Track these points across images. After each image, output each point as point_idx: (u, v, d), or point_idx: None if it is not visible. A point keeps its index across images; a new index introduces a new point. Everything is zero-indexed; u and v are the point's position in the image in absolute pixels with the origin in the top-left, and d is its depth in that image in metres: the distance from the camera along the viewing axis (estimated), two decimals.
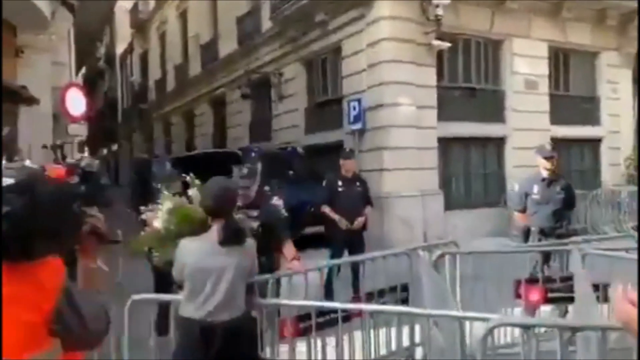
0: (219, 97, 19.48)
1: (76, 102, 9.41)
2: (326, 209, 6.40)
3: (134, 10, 30.67)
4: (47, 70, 9.16)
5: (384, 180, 10.59)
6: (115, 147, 39.06)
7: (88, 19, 16.50)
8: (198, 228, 3.07)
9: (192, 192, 3.49)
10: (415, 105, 10.84)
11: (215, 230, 2.99)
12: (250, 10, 16.30)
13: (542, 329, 3.79)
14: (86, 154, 50.49)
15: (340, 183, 6.47)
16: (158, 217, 3.41)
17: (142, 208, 3.61)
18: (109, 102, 39.28)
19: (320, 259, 6.66)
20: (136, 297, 3.61)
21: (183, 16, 23.51)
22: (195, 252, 3.00)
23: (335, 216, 6.30)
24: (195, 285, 2.98)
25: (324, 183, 6.80)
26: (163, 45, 26.81)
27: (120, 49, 36.09)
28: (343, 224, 6.25)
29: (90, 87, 35.20)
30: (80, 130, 9.87)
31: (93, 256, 1.63)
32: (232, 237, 2.98)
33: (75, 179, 1.69)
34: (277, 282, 4.43)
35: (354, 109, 11.05)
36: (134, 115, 31.74)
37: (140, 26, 30.03)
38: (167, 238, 3.33)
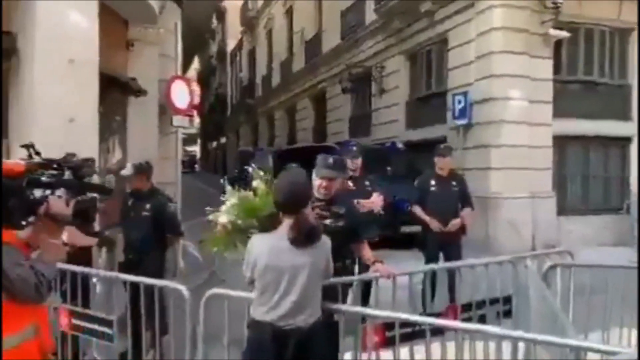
0: (320, 91, 19.58)
1: (181, 95, 9.64)
2: (417, 209, 5.91)
3: (244, 8, 31.68)
4: (155, 63, 9.48)
5: (491, 180, 9.99)
6: (223, 140, 40.75)
7: (196, 14, 17.13)
8: (267, 223, 2.79)
9: (256, 183, 3.26)
10: (528, 99, 10.11)
11: (286, 227, 2.71)
12: (354, 3, 16.11)
13: None
14: (197, 146, 53.46)
15: (433, 182, 5.92)
16: (224, 212, 3.25)
17: (208, 209, 3.48)
18: (219, 98, 41.12)
19: (414, 260, 6.26)
20: (213, 291, 3.47)
21: (289, 12, 23.88)
22: (266, 249, 2.73)
23: (426, 217, 5.79)
24: (267, 285, 2.72)
25: (415, 181, 6.29)
26: (270, 41, 27.43)
27: (231, 46, 37.54)
28: (434, 225, 5.71)
29: (202, 83, 36.97)
30: (184, 122, 10.09)
31: (50, 232, 1.93)
32: (303, 237, 2.68)
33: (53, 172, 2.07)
34: (367, 285, 4.12)
35: (460, 102, 10.50)
36: (242, 110, 32.88)
37: (249, 23, 30.97)
38: (235, 233, 3.14)
